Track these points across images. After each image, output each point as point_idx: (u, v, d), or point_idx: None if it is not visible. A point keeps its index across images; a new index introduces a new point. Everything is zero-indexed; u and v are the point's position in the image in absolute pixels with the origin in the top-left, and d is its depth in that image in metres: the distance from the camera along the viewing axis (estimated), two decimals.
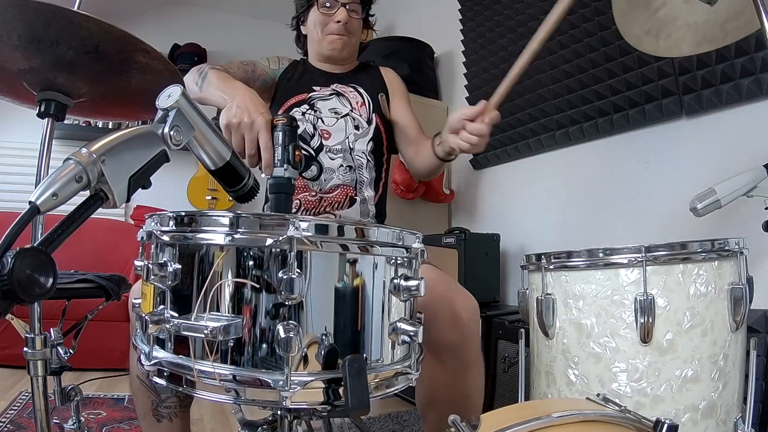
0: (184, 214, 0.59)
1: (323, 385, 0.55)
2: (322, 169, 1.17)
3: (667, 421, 0.55)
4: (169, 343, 0.58)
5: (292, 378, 0.53)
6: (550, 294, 0.93)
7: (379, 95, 1.36)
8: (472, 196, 2.60)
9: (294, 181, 0.88)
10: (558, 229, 2.07)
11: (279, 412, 0.62)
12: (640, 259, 0.83)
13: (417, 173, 1.33)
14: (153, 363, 0.58)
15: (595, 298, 0.87)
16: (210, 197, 3.31)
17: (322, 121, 1.26)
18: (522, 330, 1.04)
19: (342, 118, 1.27)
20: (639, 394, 0.82)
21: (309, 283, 0.55)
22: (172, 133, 0.57)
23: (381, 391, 0.61)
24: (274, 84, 1.33)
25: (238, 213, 0.56)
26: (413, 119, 1.36)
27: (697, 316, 0.82)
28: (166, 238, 0.59)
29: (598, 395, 0.67)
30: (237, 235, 0.56)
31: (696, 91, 1.52)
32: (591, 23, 1.80)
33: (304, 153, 0.91)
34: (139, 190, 0.55)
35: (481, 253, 2.14)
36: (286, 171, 0.86)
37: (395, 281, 0.62)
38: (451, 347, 0.97)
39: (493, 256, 2.19)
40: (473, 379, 1.03)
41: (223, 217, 0.57)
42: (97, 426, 1.71)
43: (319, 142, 1.24)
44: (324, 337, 0.56)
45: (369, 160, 1.27)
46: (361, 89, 1.33)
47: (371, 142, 1.28)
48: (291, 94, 1.30)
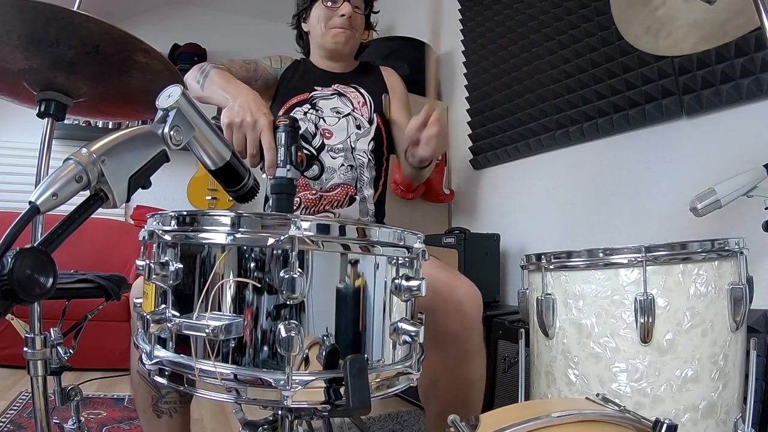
0: (186, 213, 0.59)
1: (324, 385, 0.55)
2: (323, 169, 1.17)
3: (666, 421, 0.55)
4: (171, 343, 0.58)
5: (294, 377, 0.53)
6: (550, 294, 0.93)
7: (383, 95, 1.36)
8: (472, 196, 2.60)
9: (296, 182, 0.88)
10: (558, 229, 2.07)
11: (280, 411, 0.62)
12: (640, 259, 0.83)
13: (408, 175, 1.33)
14: (154, 362, 0.58)
15: (595, 298, 0.87)
16: (210, 197, 3.31)
17: (324, 120, 1.26)
18: (522, 330, 1.04)
19: (344, 117, 1.28)
20: (639, 394, 0.82)
21: (310, 282, 0.55)
22: (172, 133, 0.57)
23: (382, 391, 0.61)
24: (275, 83, 1.34)
25: (239, 213, 0.56)
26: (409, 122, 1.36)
27: (697, 316, 0.82)
28: (168, 238, 0.59)
29: (597, 395, 0.67)
30: (238, 235, 0.56)
31: (696, 91, 1.52)
32: (591, 23, 1.80)
33: (305, 152, 0.91)
34: (139, 190, 0.55)
35: (481, 253, 2.14)
36: (289, 172, 0.86)
37: (396, 281, 0.62)
38: (453, 336, 0.98)
39: (493, 256, 2.20)
40: (475, 368, 1.03)
41: (225, 216, 0.57)
42: (97, 426, 1.71)
43: (320, 142, 1.24)
44: (325, 337, 0.56)
45: (370, 159, 1.28)
46: (362, 89, 1.34)
47: (372, 142, 1.29)
48: (292, 94, 1.30)
